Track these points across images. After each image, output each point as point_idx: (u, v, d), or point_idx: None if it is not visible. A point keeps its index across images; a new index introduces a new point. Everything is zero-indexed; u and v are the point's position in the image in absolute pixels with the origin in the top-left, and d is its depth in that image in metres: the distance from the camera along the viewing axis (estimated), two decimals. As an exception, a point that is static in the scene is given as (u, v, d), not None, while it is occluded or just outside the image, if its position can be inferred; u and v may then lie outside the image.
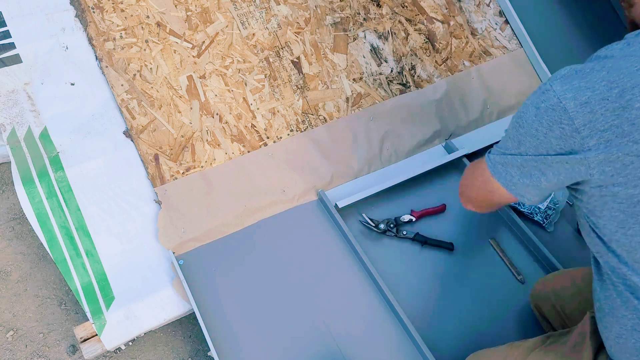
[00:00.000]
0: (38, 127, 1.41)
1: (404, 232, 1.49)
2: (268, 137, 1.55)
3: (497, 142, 0.95)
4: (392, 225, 1.49)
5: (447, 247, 1.48)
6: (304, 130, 1.58)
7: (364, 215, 1.50)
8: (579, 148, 0.75)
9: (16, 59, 1.43)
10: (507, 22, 1.93)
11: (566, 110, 0.74)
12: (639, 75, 0.70)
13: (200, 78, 1.54)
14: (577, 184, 0.80)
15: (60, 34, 1.48)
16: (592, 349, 0.94)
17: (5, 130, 1.39)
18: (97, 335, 1.27)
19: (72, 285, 1.31)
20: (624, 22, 0.95)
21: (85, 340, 1.26)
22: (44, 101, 1.43)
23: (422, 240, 1.48)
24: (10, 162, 1.39)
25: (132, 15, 1.53)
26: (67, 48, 1.48)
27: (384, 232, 1.48)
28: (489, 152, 0.94)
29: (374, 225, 1.48)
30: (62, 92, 1.45)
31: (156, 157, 1.44)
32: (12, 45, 1.44)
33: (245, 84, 1.57)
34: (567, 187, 0.84)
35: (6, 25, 1.45)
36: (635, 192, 0.73)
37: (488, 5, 1.93)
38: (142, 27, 1.53)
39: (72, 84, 1.46)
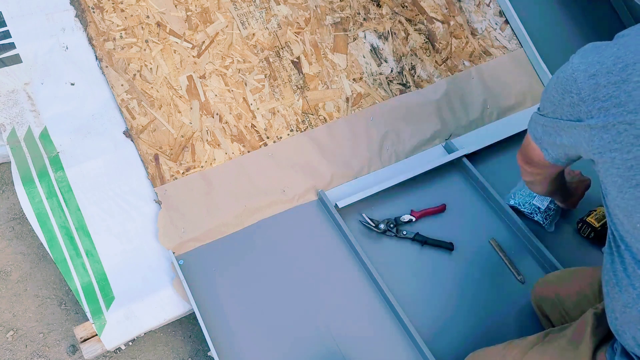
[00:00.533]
0: (38, 127, 1.41)
1: (404, 232, 1.49)
2: (268, 137, 1.55)
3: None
4: (392, 225, 1.49)
5: (447, 247, 1.48)
6: (304, 130, 1.58)
7: (364, 215, 1.50)
8: (584, 116, 0.82)
9: (16, 59, 1.43)
10: (507, 22, 1.93)
11: (576, 81, 0.82)
12: None
13: (200, 78, 1.54)
14: (585, 152, 0.87)
15: (60, 34, 1.48)
16: (592, 343, 0.95)
17: (5, 130, 1.39)
18: (97, 335, 1.27)
19: (72, 285, 1.31)
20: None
21: (85, 340, 1.26)
22: (44, 101, 1.43)
23: (422, 240, 1.48)
24: (10, 162, 1.39)
25: (132, 15, 1.53)
26: (67, 48, 1.48)
27: (384, 232, 1.48)
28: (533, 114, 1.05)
29: (374, 225, 1.48)
30: (62, 92, 1.45)
31: (156, 157, 1.44)
32: (12, 45, 1.44)
33: (245, 84, 1.57)
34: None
35: (6, 25, 1.45)
36: (628, 157, 0.78)
37: (488, 5, 1.93)
38: (142, 27, 1.53)
39: (72, 84, 1.46)
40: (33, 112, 1.41)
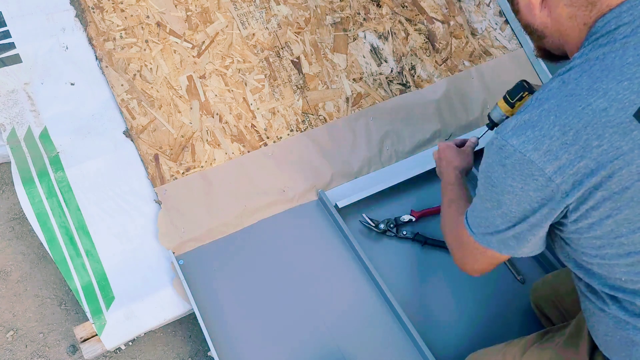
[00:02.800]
0: (38, 127, 1.41)
1: (404, 232, 1.49)
2: (268, 137, 1.55)
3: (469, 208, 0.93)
4: (392, 225, 1.49)
5: (447, 247, 1.48)
6: (304, 130, 1.58)
7: (364, 215, 1.50)
8: (558, 195, 0.76)
9: (16, 59, 1.43)
10: (507, 22, 1.93)
11: (533, 162, 0.74)
12: (586, 114, 0.72)
13: (200, 78, 1.54)
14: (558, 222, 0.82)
15: (60, 34, 1.48)
16: (590, 342, 0.95)
17: (5, 130, 1.39)
18: (97, 335, 1.27)
19: (72, 285, 1.31)
20: (534, 49, 0.98)
21: (85, 340, 1.26)
22: (44, 101, 1.43)
23: (422, 240, 1.48)
24: (10, 162, 1.39)
25: (132, 15, 1.53)
26: (67, 48, 1.48)
27: (384, 232, 1.48)
28: (473, 233, 0.91)
29: (374, 225, 1.48)
30: (62, 92, 1.45)
31: (156, 157, 1.44)
32: (12, 45, 1.44)
33: (245, 84, 1.57)
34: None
35: (6, 25, 1.45)
36: (608, 222, 0.75)
37: (488, 5, 1.93)
38: (142, 27, 1.53)
39: (72, 84, 1.46)
40: (33, 112, 1.41)
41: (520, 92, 1.23)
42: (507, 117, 1.25)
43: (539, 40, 0.90)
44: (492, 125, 1.33)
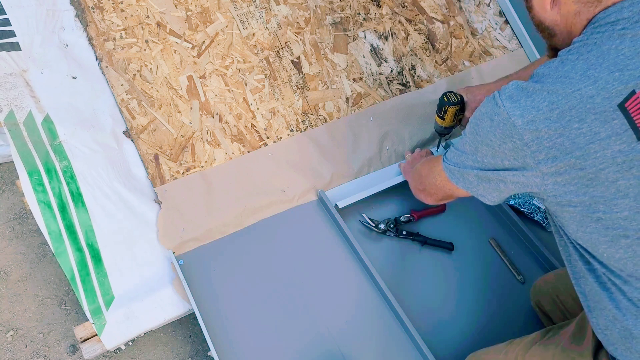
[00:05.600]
0: (40, 114, 1.38)
1: (404, 232, 1.49)
2: (268, 137, 1.55)
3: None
4: (392, 225, 1.49)
5: (447, 247, 1.48)
6: (304, 130, 1.58)
7: (364, 215, 1.50)
8: (531, 161, 0.82)
9: (15, 47, 1.42)
10: (507, 22, 1.93)
11: (515, 126, 0.82)
12: (574, 97, 0.78)
13: (200, 78, 1.54)
14: (536, 193, 0.87)
15: (60, 33, 1.48)
16: (594, 340, 0.95)
17: (2, 112, 1.36)
18: (97, 335, 1.27)
19: (73, 284, 1.31)
20: (546, 50, 1.05)
21: (85, 340, 1.26)
22: (44, 89, 1.40)
23: (422, 241, 1.48)
24: (10, 162, 1.39)
25: (132, 15, 1.53)
26: (67, 46, 1.48)
27: (384, 232, 1.48)
28: (446, 158, 1.01)
29: (374, 225, 1.48)
30: (63, 83, 1.43)
31: (156, 157, 1.44)
32: (12, 33, 1.42)
33: (245, 84, 1.57)
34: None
35: (6, 14, 1.43)
36: (585, 197, 0.81)
37: (488, 5, 1.93)
38: (142, 27, 1.53)
39: (74, 78, 1.45)
40: (33, 98, 1.40)
41: (443, 106, 1.44)
42: (445, 127, 1.48)
43: (550, 39, 0.95)
44: (439, 134, 1.54)
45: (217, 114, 1.52)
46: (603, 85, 0.77)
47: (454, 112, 1.44)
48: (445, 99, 1.43)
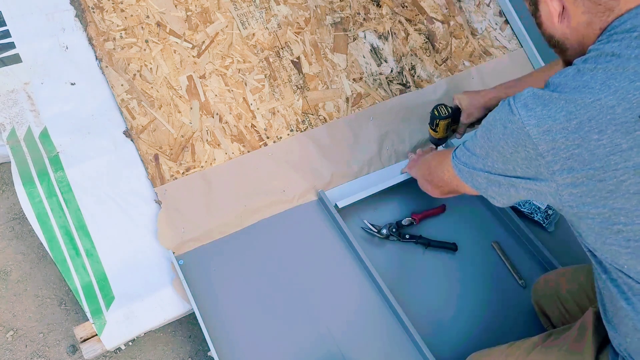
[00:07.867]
0: (38, 127, 1.40)
1: (407, 236, 1.48)
2: (268, 137, 1.55)
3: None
4: (394, 230, 1.48)
5: (450, 248, 1.48)
6: (304, 130, 1.58)
7: (365, 221, 1.49)
8: (545, 171, 0.80)
9: (16, 59, 1.43)
10: (507, 22, 1.93)
11: (530, 136, 0.79)
12: (593, 108, 0.75)
13: (200, 78, 1.54)
14: (551, 203, 0.85)
15: (60, 33, 1.48)
16: (595, 343, 0.95)
17: (5, 130, 1.38)
18: (97, 335, 1.27)
19: (72, 285, 1.31)
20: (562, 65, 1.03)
21: (85, 340, 1.26)
22: (43, 101, 1.43)
23: (426, 243, 1.48)
24: (10, 162, 1.39)
25: (132, 15, 1.53)
26: (67, 48, 1.48)
27: (387, 237, 1.47)
28: (455, 156, 1.00)
29: (376, 230, 1.48)
30: (62, 92, 1.45)
31: (156, 157, 1.44)
32: (12, 45, 1.44)
33: (245, 84, 1.57)
34: None
35: (6, 25, 1.45)
36: (604, 209, 0.79)
37: (488, 5, 1.93)
38: (142, 27, 1.53)
39: (73, 84, 1.46)
40: (33, 112, 1.41)
41: (434, 120, 1.45)
42: (439, 139, 1.51)
43: (563, 54, 0.92)
44: (433, 144, 1.56)
45: (217, 114, 1.52)
46: (624, 95, 0.74)
47: (445, 124, 1.45)
48: (435, 112, 1.44)
